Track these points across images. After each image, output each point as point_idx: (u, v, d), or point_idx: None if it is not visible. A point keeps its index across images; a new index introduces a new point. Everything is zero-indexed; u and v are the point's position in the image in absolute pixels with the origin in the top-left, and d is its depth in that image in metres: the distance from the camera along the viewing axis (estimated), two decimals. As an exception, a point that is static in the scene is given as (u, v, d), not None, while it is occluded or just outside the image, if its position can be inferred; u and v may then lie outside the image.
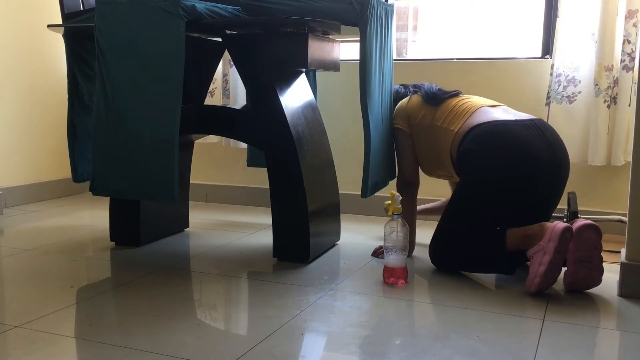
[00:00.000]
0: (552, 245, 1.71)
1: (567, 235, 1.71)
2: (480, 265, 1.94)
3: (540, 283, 1.73)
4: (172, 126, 1.92)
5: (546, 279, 1.73)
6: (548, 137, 1.91)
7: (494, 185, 1.90)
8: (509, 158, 1.89)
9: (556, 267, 1.73)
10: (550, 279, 1.74)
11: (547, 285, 1.75)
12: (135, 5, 1.92)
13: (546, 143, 1.89)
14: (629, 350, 1.44)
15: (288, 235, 2.10)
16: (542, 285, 1.74)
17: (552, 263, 1.71)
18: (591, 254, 1.74)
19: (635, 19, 2.38)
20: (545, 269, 1.71)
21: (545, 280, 1.73)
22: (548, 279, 1.73)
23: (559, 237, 1.69)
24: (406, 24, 3.56)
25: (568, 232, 1.71)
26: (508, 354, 1.38)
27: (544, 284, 1.74)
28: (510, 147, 1.89)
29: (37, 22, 3.11)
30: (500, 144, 1.91)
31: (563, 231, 1.70)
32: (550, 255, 1.70)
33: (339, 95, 2.95)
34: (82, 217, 2.86)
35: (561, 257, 1.73)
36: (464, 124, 2.01)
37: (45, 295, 1.75)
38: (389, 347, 1.42)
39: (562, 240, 1.70)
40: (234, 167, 3.23)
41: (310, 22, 1.95)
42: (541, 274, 1.72)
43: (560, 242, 1.70)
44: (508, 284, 1.88)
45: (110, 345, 1.40)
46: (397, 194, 1.91)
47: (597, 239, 1.74)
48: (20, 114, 3.10)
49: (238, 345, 1.41)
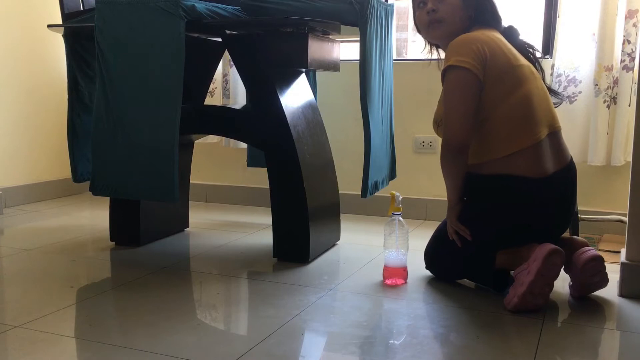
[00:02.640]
0: (535, 265, 1.59)
1: (554, 259, 1.59)
2: (469, 278, 1.89)
3: (517, 305, 1.60)
4: (172, 126, 1.92)
5: (524, 301, 1.59)
6: (564, 194, 1.76)
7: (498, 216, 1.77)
8: (518, 215, 1.74)
9: (538, 289, 1.59)
10: (530, 303, 1.60)
11: (525, 307, 1.61)
12: (135, 6, 1.92)
13: (559, 201, 1.76)
14: (629, 350, 1.44)
15: (288, 235, 2.10)
16: (519, 307, 1.60)
17: (532, 284, 1.58)
18: (594, 279, 1.71)
19: (635, 19, 2.38)
20: (524, 290, 1.58)
21: (523, 302, 1.60)
22: (527, 301, 1.60)
23: (543, 259, 1.57)
24: (406, 24, 3.56)
25: (556, 255, 1.60)
26: (508, 354, 1.38)
27: (521, 306, 1.60)
28: (522, 209, 1.73)
29: (37, 22, 3.11)
30: (512, 203, 1.73)
31: (548, 254, 1.58)
32: (532, 276, 1.58)
33: (339, 95, 2.95)
34: (82, 217, 2.86)
35: (544, 281, 1.60)
36: (504, 156, 1.71)
37: (45, 295, 1.75)
38: (389, 347, 1.42)
39: (547, 263, 1.58)
40: (234, 167, 3.23)
41: (310, 22, 1.95)
42: (519, 295, 1.59)
43: (545, 265, 1.57)
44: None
45: (110, 345, 1.40)
46: (397, 194, 1.91)
47: (601, 265, 1.71)
48: (20, 114, 3.10)
49: (238, 345, 1.41)
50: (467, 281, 1.90)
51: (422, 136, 2.87)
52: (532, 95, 1.73)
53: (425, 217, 2.88)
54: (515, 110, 1.71)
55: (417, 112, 2.86)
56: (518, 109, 1.71)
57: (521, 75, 1.73)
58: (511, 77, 1.72)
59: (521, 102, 1.71)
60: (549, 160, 1.72)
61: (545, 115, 1.74)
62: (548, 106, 1.77)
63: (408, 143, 2.89)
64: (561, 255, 1.62)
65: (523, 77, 1.74)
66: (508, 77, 1.72)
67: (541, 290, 1.61)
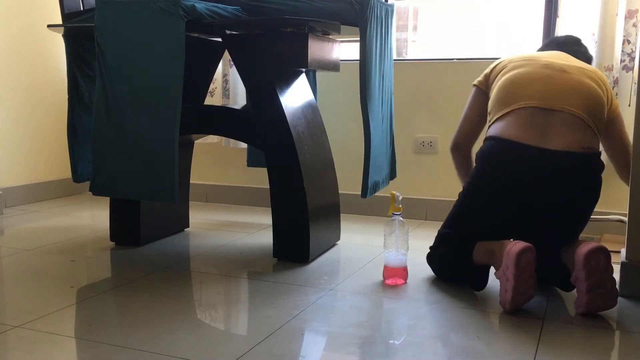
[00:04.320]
0: (510, 272, 1.60)
1: (525, 259, 1.59)
2: (452, 275, 1.90)
3: (511, 308, 1.62)
4: (172, 126, 1.92)
5: (516, 302, 1.62)
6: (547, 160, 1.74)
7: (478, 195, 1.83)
8: (494, 181, 1.79)
9: (522, 287, 1.61)
10: (521, 301, 1.63)
11: (518, 308, 1.64)
12: (135, 6, 1.92)
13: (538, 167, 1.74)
14: (629, 350, 1.44)
15: (288, 235, 2.10)
16: (513, 308, 1.63)
17: (516, 289, 1.59)
18: (603, 279, 1.60)
19: (635, 19, 2.38)
20: (511, 296, 1.60)
21: (515, 303, 1.62)
22: (518, 302, 1.62)
23: (514, 263, 1.58)
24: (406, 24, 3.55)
25: (525, 254, 1.59)
26: (508, 354, 1.38)
27: (514, 306, 1.63)
28: (497, 173, 1.79)
29: (37, 22, 3.11)
30: (489, 168, 1.81)
31: (517, 256, 1.58)
32: (513, 283, 1.59)
33: (339, 95, 2.95)
34: (82, 217, 2.86)
35: (524, 278, 1.61)
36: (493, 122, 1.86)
37: (45, 295, 1.75)
38: (389, 347, 1.42)
39: (519, 266, 1.59)
40: (234, 167, 3.23)
41: (310, 22, 1.95)
42: (509, 301, 1.61)
43: (518, 268, 1.58)
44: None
45: (110, 345, 1.40)
46: (397, 194, 1.91)
47: (607, 261, 1.60)
48: (20, 114, 3.10)
49: (238, 345, 1.41)
50: (467, 281, 1.90)
51: (422, 136, 2.87)
52: (517, 77, 1.88)
53: (425, 217, 2.88)
54: (498, 90, 1.91)
55: (417, 112, 2.86)
56: (500, 88, 1.90)
57: (512, 67, 1.92)
58: (503, 72, 1.94)
59: (503, 82, 1.90)
60: (532, 132, 1.76)
61: (537, 92, 1.82)
62: (545, 87, 1.82)
63: (408, 143, 2.89)
64: (530, 250, 1.61)
65: (514, 68, 1.91)
66: (501, 74, 1.94)
67: (526, 285, 1.61)
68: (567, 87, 1.81)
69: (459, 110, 2.79)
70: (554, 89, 1.81)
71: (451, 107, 2.80)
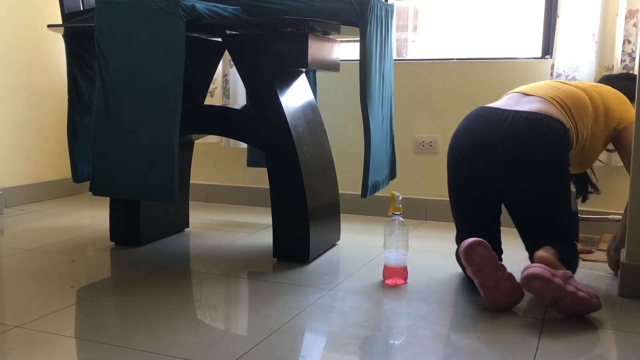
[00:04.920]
0: (469, 270, 1.64)
1: (477, 253, 1.60)
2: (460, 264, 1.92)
3: (493, 304, 1.63)
4: (172, 126, 1.92)
5: (492, 297, 1.61)
6: (503, 124, 1.79)
7: (448, 167, 1.94)
8: (452, 145, 1.90)
9: (491, 282, 1.60)
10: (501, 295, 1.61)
11: (500, 300, 1.62)
12: (135, 6, 1.92)
13: (490, 128, 1.80)
14: (629, 350, 1.44)
15: (288, 235, 2.10)
16: (496, 305, 1.62)
17: (483, 284, 1.61)
18: (557, 296, 1.55)
19: (635, 19, 2.38)
20: (484, 293, 1.62)
21: (493, 299, 1.61)
22: (494, 296, 1.61)
23: (466, 261, 1.62)
24: (406, 24, 3.55)
25: (475, 249, 1.60)
26: (508, 354, 1.38)
27: (495, 302, 1.62)
28: (456, 134, 1.90)
29: (37, 22, 3.11)
30: (456, 131, 1.90)
31: (466, 252, 1.61)
32: (477, 279, 1.62)
33: (339, 95, 2.95)
34: (82, 217, 2.86)
35: (486, 273, 1.60)
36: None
37: (45, 295, 1.75)
38: (389, 347, 1.42)
39: (474, 262, 1.60)
40: (234, 167, 3.23)
41: (310, 22, 1.95)
42: (485, 299, 1.64)
43: (472, 265, 1.61)
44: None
45: (110, 345, 1.40)
46: (397, 194, 1.91)
47: (551, 284, 1.53)
48: (20, 114, 3.10)
49: (238, 345, 1.41)
50: (467, 281, 1.90)
51: (422, 136, 2.87)
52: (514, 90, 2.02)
53: (425, 217, 2.88)
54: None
55: (417, 112, 2.86)
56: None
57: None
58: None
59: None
60: (502, 103, 1.90)
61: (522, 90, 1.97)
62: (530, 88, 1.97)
63: (408, 143, 2.89)
64: (479, 244, 1.61)
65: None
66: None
67: (495, 278, 1.61)
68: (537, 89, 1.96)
69: (459, 110, 2.79)
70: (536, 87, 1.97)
71: (451, 107, 2.80)
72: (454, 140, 1.89)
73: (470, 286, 1.86)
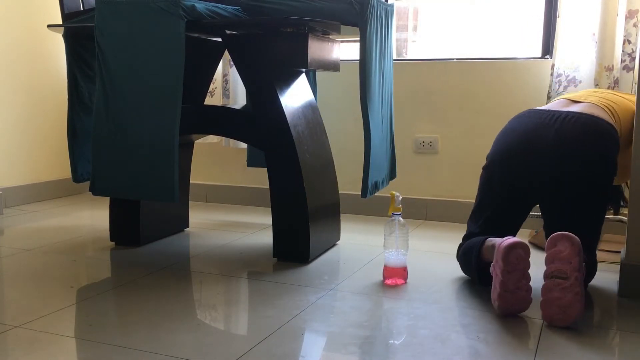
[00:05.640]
0: (498, 267, 1.58)
1: (515, 255, 1.56)
2: (464, 270, 1.93)
3: (500, 306, 1.59)
4: (172, 126, 1.92)
5: (505, 300, 1.58)
6: (555, 123, 1.81)
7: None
8: (499, 140, 1.90)
9: (512, 285, 1.57)
10: (512, 301, 1.58)
11: (509, 305, 1.59)
12: (135, 5, 1.92)
13: (542, 127, 1.82)
14: (629, 350, 1.44)
15: (288, 235, 2.10)
16: (503, 308, 1.59)
17: (503, 285, 1.56)
18: (564, 269, 1.53)
19: (635, 19, 2.38)
20: (498, 291, 1.58)
21: (504, 302, 1.58)
22: (507, 300, 1.58)
23: (502, 258, 1.56)
24: (406, 24, 3.55)
25: (515, 250, 1.56)
26: (508, 354, 1.38)
27: (504, 305, 1.59)
28: (504, 131, 1.91)
29: (37, 22, 3.11)
30: (505, 129, 1.92)
31: (506, 251, 1.56)
32: (500, 278, 1.56)
33: (339, 95, 2.95)
34: (82, 217, 2.86)
35: (515, 276, 1.57)
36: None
37: (45, 295, 1.75)
38: (389, 347, 1.42)
39: (508, 262, 1.56)
40: (234, 167, 3.23)
41: (310, 22, 1.95)
42: (496, 298, 1.59)
43: (507, 264, 1.56)
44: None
45: (110, 345, 1.40)
46: (397, 194, 1.91)
47: (572, 251, 1.53)
48: (20, 114, 3.10)
49: (238, 345, 1.41)
50: (467, 281, 1.90)
51: (422, 136, 2.87)
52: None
53: (425, 217, 2.88)
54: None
55: (417, 112, 2.86)
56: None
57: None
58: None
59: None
60: (553, 105, 1.93)
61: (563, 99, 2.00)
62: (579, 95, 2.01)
63: (408, 143, 2.89)
64: (522, 246, 1.58)
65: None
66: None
67: (517, 285, 1.58)
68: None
69: (459, 110, 2.80)
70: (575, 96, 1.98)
71: (451, 107, 2.80)
72: (502, 137, 1.90)
73: (471, 286, 1.86)
